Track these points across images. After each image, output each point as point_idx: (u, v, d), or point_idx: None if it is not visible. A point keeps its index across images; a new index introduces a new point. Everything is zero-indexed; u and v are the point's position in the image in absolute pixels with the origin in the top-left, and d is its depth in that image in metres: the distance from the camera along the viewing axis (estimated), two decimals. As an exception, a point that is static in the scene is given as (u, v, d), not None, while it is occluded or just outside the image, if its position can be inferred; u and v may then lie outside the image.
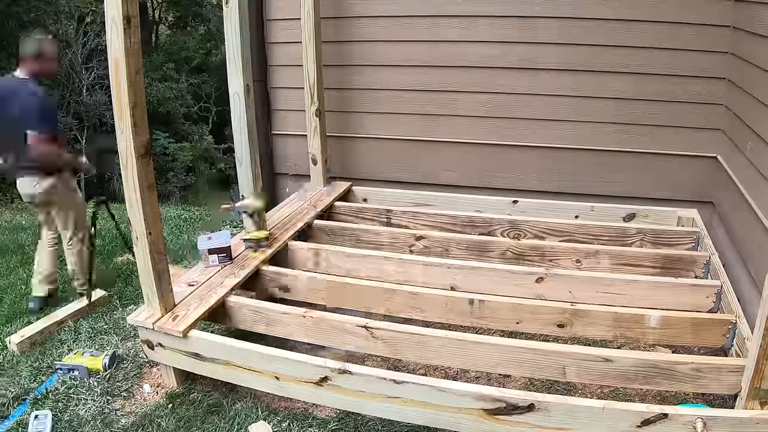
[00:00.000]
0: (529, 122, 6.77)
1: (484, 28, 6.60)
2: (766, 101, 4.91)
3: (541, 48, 6.50)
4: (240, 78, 5.26)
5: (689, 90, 6.25)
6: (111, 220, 6.17)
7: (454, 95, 6.92)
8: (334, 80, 7.13)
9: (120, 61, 3.83)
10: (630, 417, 3.53)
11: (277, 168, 7.85)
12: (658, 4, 6.05)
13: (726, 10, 5.89)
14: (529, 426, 3.67)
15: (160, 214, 4.37)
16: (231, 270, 5.16)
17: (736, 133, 5.75)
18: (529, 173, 6.86)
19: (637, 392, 4.42)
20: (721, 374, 3.92)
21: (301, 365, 4.02)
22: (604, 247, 5.65)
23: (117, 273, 6.37)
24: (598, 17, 6.25)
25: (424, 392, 3.77)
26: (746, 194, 5.30)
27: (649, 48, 6.21)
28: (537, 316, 4.69)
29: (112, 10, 3.75)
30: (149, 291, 4.40)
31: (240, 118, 5.40)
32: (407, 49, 6.91)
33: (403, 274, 5.40)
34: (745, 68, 5.52)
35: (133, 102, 3.90)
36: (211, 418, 4.25)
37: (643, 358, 4.02)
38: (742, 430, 3.47)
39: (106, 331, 5.32)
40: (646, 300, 4.94)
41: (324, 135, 7.00)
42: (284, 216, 6.31)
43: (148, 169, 4.10)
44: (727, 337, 4.47)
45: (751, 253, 5.15)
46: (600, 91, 6.48)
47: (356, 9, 6.94)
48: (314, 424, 4.24)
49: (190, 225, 7.92)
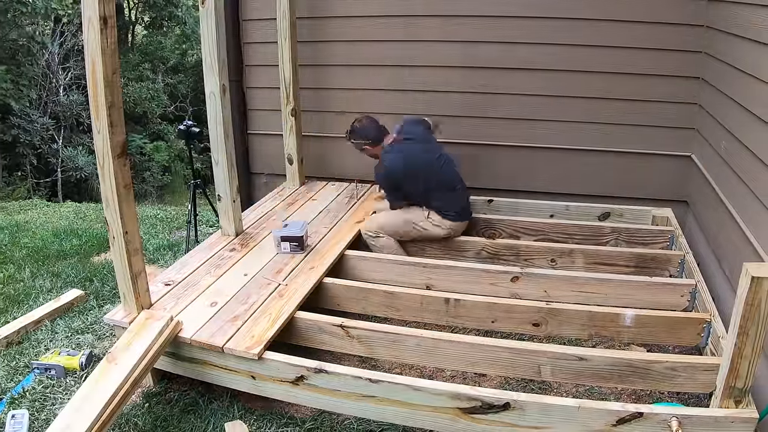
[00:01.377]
0: (504, 122, 6.81)
1: (459, 27, 6.63)
2: (739, 100, 4.94)
3: (516, 47, 6.53)
4: (216, 78, 5.26)
5: (664, 89, 6.30)
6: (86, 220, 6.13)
7: (429, 95, 6.95)
8: (310, 80, 7.16)
9: (97, 61, 3.82)
10: (605, 416, 3.54)
11: (253, 167, 7.87)
12: (633, 3, 6.08)
13: (700, 10, 5.93)
14: (504, 425, 3.68)
15: (136, 213, 4.35)
16: (208, 269, 5.17)
17: (711, 132, 5.79)
18: (504, 172, 6.89)
19: (612, 391, 4.42)
20: (696, 373, 3.94)
21: (278, 364, 4.02)
22: (579, 246, 5.69)
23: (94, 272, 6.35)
24: (572, 17, 6.30)
25: (400, 391, 3.78)
26: (720, 193, 5.34)
27: (623, 47, 6.25)
28: (512, 315, 4.73)
29: (88, 10, 3.74)
30: (126, 290, 4.37)
31: (216, 117, 5.40)
32: (382, 48, 6.94)
33: (379, 274, 5.43)
34: (719, 67, 5.56)
35: (110, 102, 3.89)
36: (188, 417, 4.24)
37: (618, 356, 4.04)
38: (716, 428, 3.49)
39: (83, 331, 5.30)
40: (621, 299, 4.99)
41: (300, 134, 7.04)
42: (260, 215, 6.33)
43: (124, 169, 4.08)
44: (701, 335, 4.50)
45: (725, 252, 5.18)
46: (574, 91, 6.52)
47: (331, 9, 6.97)
48: (291, 424, 4.23)
49: (166, 224, 7.90)
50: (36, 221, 8.38)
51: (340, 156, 7.43)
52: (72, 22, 17.94)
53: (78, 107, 17.70)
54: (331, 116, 7.37)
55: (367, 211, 6.39)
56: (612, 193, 6.65)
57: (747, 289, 3.14)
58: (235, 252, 5.50)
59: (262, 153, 7.76)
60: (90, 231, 7.51)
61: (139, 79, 20.12)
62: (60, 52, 18.23)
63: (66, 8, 17.98)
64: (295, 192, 7.02)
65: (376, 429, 4.16)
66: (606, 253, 5.57)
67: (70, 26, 18.13)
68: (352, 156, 6.58)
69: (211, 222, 7.65)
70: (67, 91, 18.33)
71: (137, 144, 18.67)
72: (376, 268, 5.47)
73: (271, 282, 4.89)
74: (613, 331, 4.61)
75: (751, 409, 3.51)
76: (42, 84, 18.06)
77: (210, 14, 5.09)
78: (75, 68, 18.18)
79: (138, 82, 19.82)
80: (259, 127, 7.66)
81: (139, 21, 24.42)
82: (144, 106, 19.66)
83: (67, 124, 18.45)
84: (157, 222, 8.00)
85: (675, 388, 4.09)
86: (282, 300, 4.67)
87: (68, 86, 18.41)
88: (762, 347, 3.33)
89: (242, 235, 5.83)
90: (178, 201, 16.32)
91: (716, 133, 5.58)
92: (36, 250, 6.97)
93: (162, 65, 21.71)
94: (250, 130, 7.71)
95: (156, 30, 23.65)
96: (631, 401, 4.29)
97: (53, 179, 18.02)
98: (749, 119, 4.66)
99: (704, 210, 5.91)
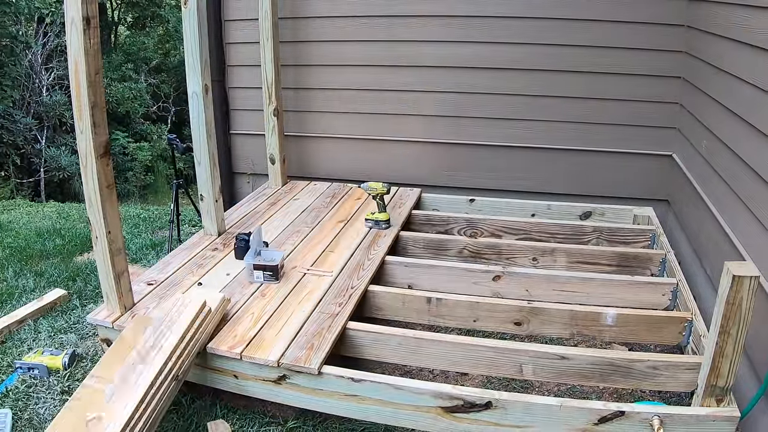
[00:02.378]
0: (486, 121, 6.83)
1: (441, 27, 6.65)
2: (720, 99, 4.97)
3: (498, 47, 6.55)
4: (198, 78, 5.27)
5: (645, 89, 6.33)
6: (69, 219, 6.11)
7: (412, 94, 6.96)
8: (292, 80, 7.17)
9: (79, 61, 3.82)
10: (587, 415, 3.55)
11: (235, 167, 7.87)
12: (614, 3, 6.11)
13: (680, 9, 5.97)
14: (486, 424, 3.69)
15: (119, 213, 4.35)
16: (191, 269, 5.18)
17: (691, 131, 5.82)
18: (486, 172, 6.91)
19: (594, 390, 4.43)
20: (677, 371, 3.95)
21: (259, 363, 4.02)
22: (561, 245, 5.69)
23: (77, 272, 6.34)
24: (554, 17, 6.31)
25: (381, 390, 3.79)
26: (701, 192, 5.37)
27: (604, 47, 6.28)
28: (494, 314, 4.73)
29: (71, 11, 3.74)
30: (108, 290, 4.38)
31: (198, 117, 5.40)
32: (364, 48, 6.95)
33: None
34: (700, 67, 5.59)
35: (93, 102, 3.89)
36: (170, 416, 4.23)
37: (599, 355, 4.04)
38: (698, 427, 3.51)
39: (66, 330, 5.29)
40: (602, 297, 5.00)
41: (282, 134, 7.04)
42: (243, 215, 6.33)
43: (107, 169, 4.08)
44: (683, 334, 4.51)
45: (706, 251, 5.20)
46: (556, 90, 6.55)
47: (313, 9, 6.97)
48: (273, 423, 4.24)
49: (149, 224, 7.89)
50: (19, 221, 8.35)
51: (322, 156, 7.45)
52: (55, 22, 17.91)
53: (61, 107, 17.68)
54: (313, 116, 7.38)
55: (349, 211, 6.40)
56: (593, 193, 6.67)
57: (728, 288, 3.17)
58: (218, 252, 5.50)
59: (244, 153, 7.76)
60: (73, 231, 7.49)
61: (122, 79, 20.11)
62: (43, 52, 18.21)
63: (49, 7, 17.93)
64: (278, 192, 7.01)
65: (358, 428, 4.17)
66: (588, 252, 5.57)
67: (53, 26, 18.10)
68: (333, 156, 6.60)
69: (194, 222, 7.65)
70: (50, 91, 18.30)
71: (120, 143, 18.63)
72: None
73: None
74: (594, 330, 4.61)
75: (732, 407, 3.53)
76: (25, 84, 18.03)
77: (192, 14, 5.09)
78: (58, 68, 18.17)
79: (121, 82, 19.82)
80: (242, 127, 7.66)
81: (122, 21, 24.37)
82: (127, 106, 19.66)
83: (50, 124, 18.43)
84: (140, 222, 7.99)
85: (657, 387, 4.09)
86: (264, 300, 4.67)
87: (51, 86, 18.38)
88: (743, 346, 3.35)
89: (225, 234, 5.83)
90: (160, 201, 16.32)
91: (697, 132, 5.61)
92: (19, 249, 6.95)
93: (145, 65, 21.72)
94: (233, 130, 7.70)
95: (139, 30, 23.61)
96: (613, 400, 4.31)
97: (36, 179, 17.98)
98: (730, 118, 4.69)
99: (685, 209, 5.94)
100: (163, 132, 20.76)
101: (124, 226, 7.45)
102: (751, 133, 4.25)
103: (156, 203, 13.57)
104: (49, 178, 17.94)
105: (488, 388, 4.22)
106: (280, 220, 6.21)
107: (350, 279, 5.02)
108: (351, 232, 5.93)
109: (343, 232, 5.93)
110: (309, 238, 5.79)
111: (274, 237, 5.77)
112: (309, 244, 5.65)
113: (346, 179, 7.28)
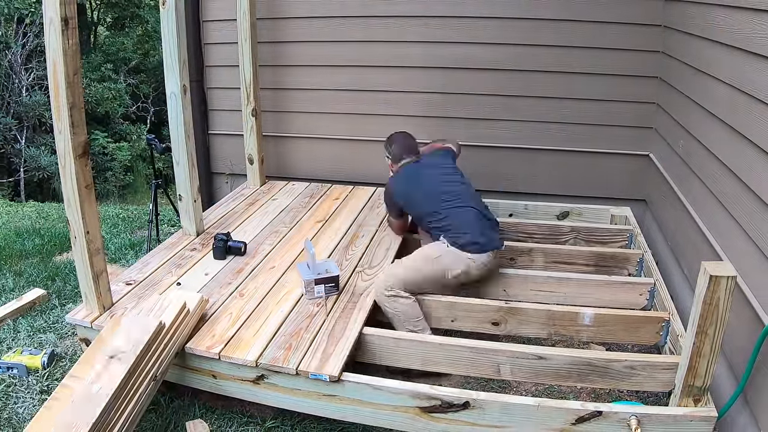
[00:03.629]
0: (464, 121, 6.88)
1: (418, 28, 6.68)
2: (697, 99, 5.00)
3: (475, 48, 6.59)
4: (177, 78, 5.27)
5: (622, 89, 6.38)
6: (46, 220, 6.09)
7: (390, 95, 7.00)
8: (270, 80, 7.19)
9: (58, 62, 3.82)
10: (564, 414, 3.57)
11: (214, 167, 7.88)
12: (591, 4, 6.16)
13: (657, 9, 6.02)
14: (464, 424, 3.71)
15: (98, 213, 4.35)
16: (169, 269, 5.18)
17: (668, 131, 5.86)
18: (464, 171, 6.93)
19: (571, 390, 4.45)
20: (655, 371, 3.97)
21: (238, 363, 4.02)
22: (538, 245, 5.71)
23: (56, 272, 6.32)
24: (531, 17, 6.36)
25: (360, 390, 3.81)
26: (678, 192, 5.40)
27: (581, 47, 6.33)
28: (472, 314, 4.75)
29: (50, 11, 3.74)
30: (87, 290, 4.38)
31: (177, 118, 5.40)
32: (342, 49, 6.98)
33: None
34: (677, 66, 5.62)
35: (71, 102, 3.89)
36: (149, 415, 4.23)
37: (577, 355, 4.07)
38: (675, 427, 3.53)
39: (45, 330, 5.29)
40: (580, 297, 5.03)
41: (260, 134, 7.06)
42: (221, 215, 6.34)
43: (86, 169, 4.08)
44: (660, 334, 4.54)
45: (683, 251, 5.23)
46: (534, 91, 6.59)
47: (291, 10, 7.00)
48: (251, 423, 4.26)
49: (128, 224, 7.88)
50: (-2, 221, 8.33)
51: (301, 156, 7.49)
52: (35, 22, 17.83)
53: (41, 107, 17.60)
54: (291, 116, 7.41)
55: (327, 211, 6.44)
56: (571, 192, 6.71)
57: (705, 288, 3.18)
58: (196, 252, 5.50)
59: (223, 153, 7.77)
60: (52, 230, 7.47)
61: (101, 79, 20.04)
62: (23, 52, 18.12)
63: (29, 7, 17.85)
64: (256, 192, 7.03)
65: (336, 428, 4.19)
66: (565, 252, 5.60)
67: (32, 27, 18.02)
68: (311, 156, 6.61)
69: (173, 221, 7.64)
70: (29, 91, 18.22)
71: (100, 143, 18.58)
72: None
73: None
74: (572, 329, 4.63)
75: (710, 407, 3.55)
76: (5, 84, 17.95)
77: (171, 15, 5.09)
78: (38, 69, 18.10)
79: (100, 83, 19.75)
80: (220, 127, 7.67)
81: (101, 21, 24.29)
82: (106, 106, 19.59)
83: (30, 124, 18.36)
84: (119, 221, 7.97)
85: (634, 387, 4.12)
86: (242, 300, 4.68)
87: (31, 87, 18.31)
88: (720, 346, 3.37)
89: (203, 234, 5.83)
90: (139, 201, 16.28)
91: (674, 132, 5.64)
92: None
93: (124, 66, 21.64)
94: (211, 130, 7.71)
95: (118, 31, 23.54)
96: (591, 400, 4.34)
97: (16, 179, 17.89)
98: (707, 118, 4.72)
99: (662, 209, 5.97)
100: (142, 132, 20.71)
101: (103, 225, 7.43)
102: (728, 132, 4.28)
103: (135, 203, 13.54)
104: (29, 177, 17.86)
105: (466, 388, 4.23)
106: (258, 220, 6.22)
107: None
108: (329, 232, 5.94)
109: (321, 233, 5.95)
110: (287, 238, 5.80)
111: (252, 237, 5.78)
112: (287, 245, 5.66)
113: (324, 179, 7.31)
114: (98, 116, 19.55)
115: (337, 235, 5.88)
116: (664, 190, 5.86)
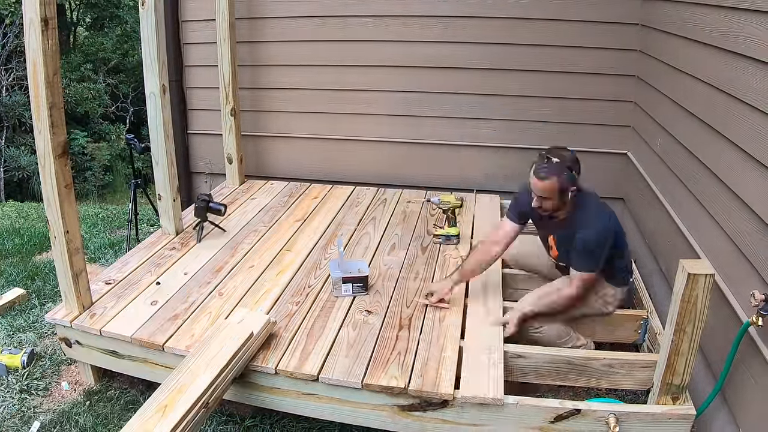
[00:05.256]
0: (444, 120, 6.89)
1: (397, 27, 6.69)
2: (674, 97, 5.03)
3: (453, 47, 6.61)
4: (156, 78, 5.27)
5: (599, 87, 6.41)
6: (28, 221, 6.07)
7: (369, 94, 7.01)
8: (249, 80, 7.19)
9: (38, 62, 3.82)
10: (543, 412, 3.59)
11: (193, 167, 7.88)
12: (568, 2, 6.19)
13: (634, 8, 6.05)
14: (443, 422, 3.73)
15: (78, 212, 4.36)
16: (149, 268, 5.18)
17: (646, 129, 5.89)
18: (441, 170, 6.95)
19: (550, 388, 4.48)
20: (633, 369, 4.01)
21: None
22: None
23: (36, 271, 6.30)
24: (508, 16, 6.38)
25: (338, 389, 3.81)
26: (656, 190, 5.43)
27: (558, 46, 6.36)
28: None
29: (30, 12, 3.74)
30: (67, 289, 4.38)
31: (156, 117, 5.41)
32: (320, 48, 6.98)
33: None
34: (654, 65, 5.65)
35: (51, 102, 3.89)
36: (128, 414, 4.22)
37: (556, 354, 4.09)
38: (654, 425, 3.56)
39: (25, 329, 5.29)
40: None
41: (239, 134, 7.05)
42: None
43: (65, 169, 4.08)
44: (639, 332, 4.57)
45: (661, 249, 5.25)
46: (511, 89, 6.62)
47: (270, 10, 6.99)
48: (231, 421, 4.27)
49: (107, 224, 7.85)
50: (-23, 221, 8.30)
51: (280, 156, 7.50)
52: (15, 23, 17.74)
53: (21, 108, 17.50)
54: (270, 116, 7.42)
55: (306, 210, 6.44)
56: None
57: (683, 286, 3.20)
58: (176, 251, 5.50)
59: (202, 152, 7.77)
60: (32, 230, 7.45)
61: (80, 79, 19.95)
62: (2, 53, 18.03)
63: (9, 8, 17.77)
64: (236, 191, 7.04)
65: (315, 426, 4.20)
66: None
67: (12, 27, 17.93)
68: (290, 155, 6.62)
69: (152, 221, 7.62)
70: (9, 91, 18.12)
71: (79, 143, 18.50)
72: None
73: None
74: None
75: (688, 405, 3.59)
76: (-15, 85, 17.88)
77: (150, 15, 5.10)
78: (18, 69, 17.99)
79: (80, 83, 19.66)
80: (199, 126, 7.67)
81: (81, 22, 24.19)
82: (86, 106, 19.49)
83: (10, 125, 18.25)
84: (99, 221, 7.95)
85: (613, 385, 4.14)
86: (222, 299, 4.69)
87: (11, 87, 18.21)
88: (698, 344, 3.39)
89: (182, 233, 5.84)
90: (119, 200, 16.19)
91: (652, 130, 5.67)
92: (-23, 249, 6.91)
93: (103, 66, 21.55)
94: (191, 129, 7.71)
95: (97, 31, 23.45)
96: (569, 398, 4.34)
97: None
98: (684, 116, 4.74)
99: (641, 207, 5.99)
100: (121, 132, 20.61)
101: (83, 225, 7.41)
102: (705, 130, 4.30)
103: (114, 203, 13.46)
104: (9, 177, 17.76)
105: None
106: (237, 219, 6.22)
107: (307, 278, 5.05)
108: (308, 231, 5.95)
109: (300, 232, 5.95)
110: (266, 237, 5.81)
111: (231, 236, 5.79)
112: (266, 243, 5.67)
113: (304, 179, 7.32)
114: (78, 116, 19.46)
115: (316, 234, 5.89)
116: (641, 189, 5.88)
